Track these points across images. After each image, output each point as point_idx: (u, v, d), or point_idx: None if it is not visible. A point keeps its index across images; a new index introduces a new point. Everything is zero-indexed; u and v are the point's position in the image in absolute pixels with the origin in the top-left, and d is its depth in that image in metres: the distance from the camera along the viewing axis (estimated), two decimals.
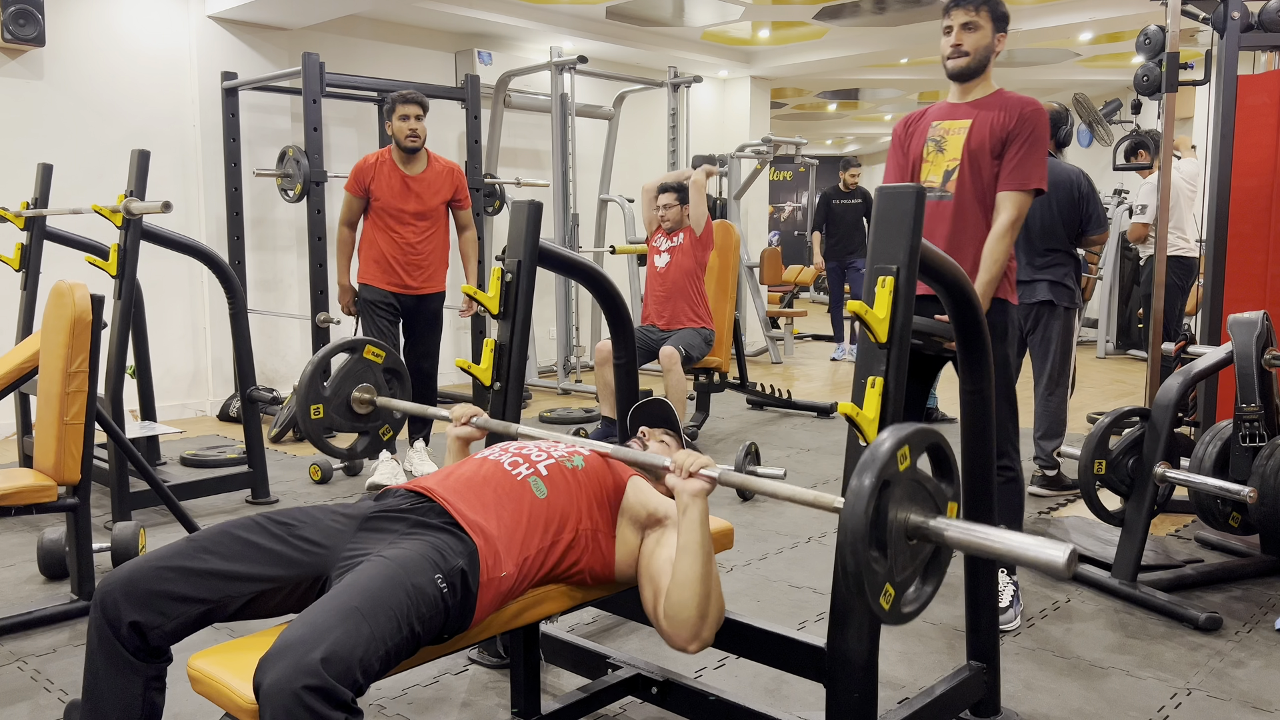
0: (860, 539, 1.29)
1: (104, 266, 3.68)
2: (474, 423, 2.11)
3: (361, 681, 1.38)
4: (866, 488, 1.30)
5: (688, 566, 1.68)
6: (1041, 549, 1.31)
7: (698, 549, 1.68)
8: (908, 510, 1.38)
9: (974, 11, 2.71)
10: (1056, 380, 4.09)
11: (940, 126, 2.80)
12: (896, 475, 1.34)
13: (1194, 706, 2.35)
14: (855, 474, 1.32)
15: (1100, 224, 4.07)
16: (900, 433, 1.36)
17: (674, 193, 5.18)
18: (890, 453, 1.33)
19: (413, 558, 1.55)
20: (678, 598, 1.69)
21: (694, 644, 1.71)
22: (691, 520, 1.68)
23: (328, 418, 2.38)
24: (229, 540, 1.61)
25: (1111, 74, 10.08)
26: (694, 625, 1.69)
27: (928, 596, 1.44)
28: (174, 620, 1.54)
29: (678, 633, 1.71)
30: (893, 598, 1.37)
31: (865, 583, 1.31)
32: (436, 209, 4.36)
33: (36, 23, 5.15)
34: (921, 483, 1.40)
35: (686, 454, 1.71)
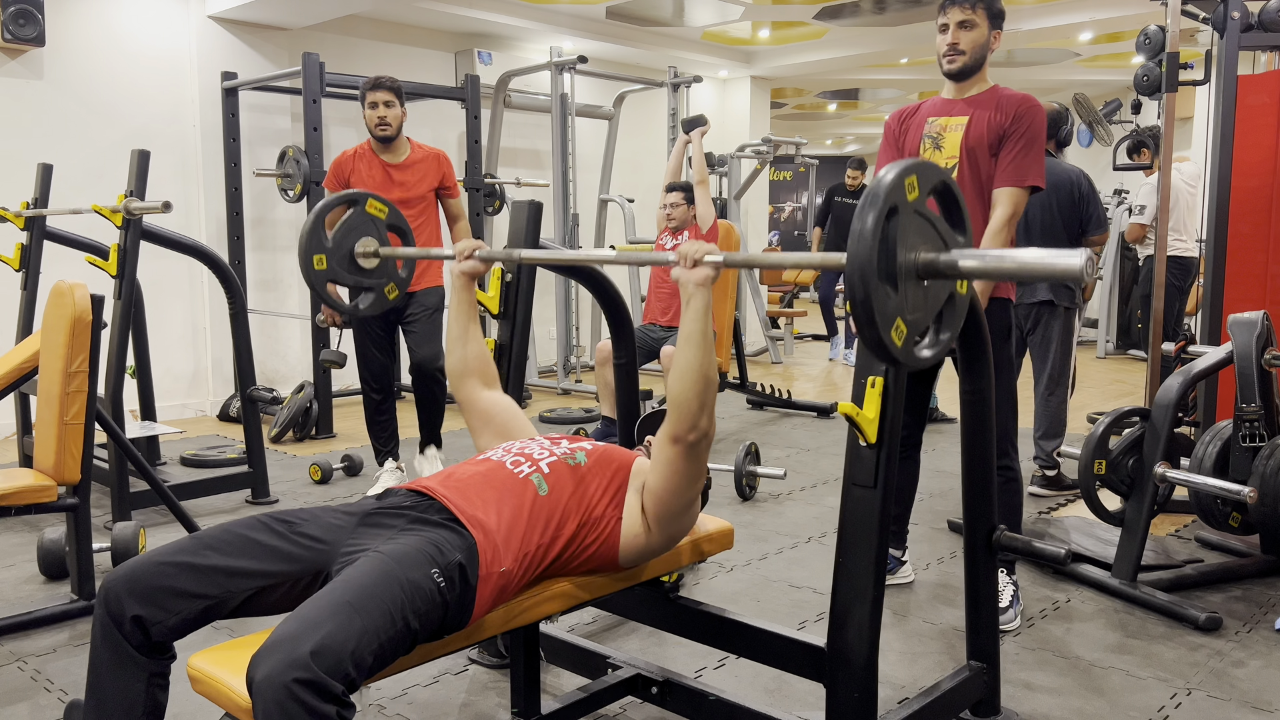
0: (869, 267, 1.25)
1: (104, 266, 3.68)
2: (478, 255, 2.12)
3: (354, 675, 1.38)
4: (871, 216, 1.26)
5: (690, 356, 1.72)
6: (1057, 258, 1.29)
7: (699, 338, 1.72)
8: (917, 248, 1.33)
9: (970, 10, 2.71)
10: (1057, 380, 4.09)
11: (936, 123, 2.79)
12: (904, 204, 1.30)
13: (1194, 706, 2.35)
14: (860, 207, 1.28)
15: (1100, 224, 4.07)
16: (905, 163, 1.32)
17: (681, 192, 5.18)
18: (897, 180, 1.29)
19: (409, 552, 1.56)
20: (679, 386, 1.73)
21: (693, 433, 1.74)
22: (695, 310, 1.72)
23: (330, 270, 2.34)
24: (231, 537, 1.62)
25: (1111, 74, 10.08)
26: (694, 413, 1.72)
27: (944, 345, 1.40)
28: (176, 615, 1.54)
29: (680, 421, 1.73)
30: (905, 334, 1.32)
31: (876, 312, 1.26)
32: (423, 197, 4.12)
33: (36, 23, 5.15)
34: (932, 222, 1.35)
35: (691, 243, 1.74)
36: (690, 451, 1.75)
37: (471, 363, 2.14)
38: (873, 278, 1.25)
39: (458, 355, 2.14)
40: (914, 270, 1.32)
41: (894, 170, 1.30)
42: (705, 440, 1.76)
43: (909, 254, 1.31)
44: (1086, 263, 1.27)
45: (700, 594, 3.03)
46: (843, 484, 1.84)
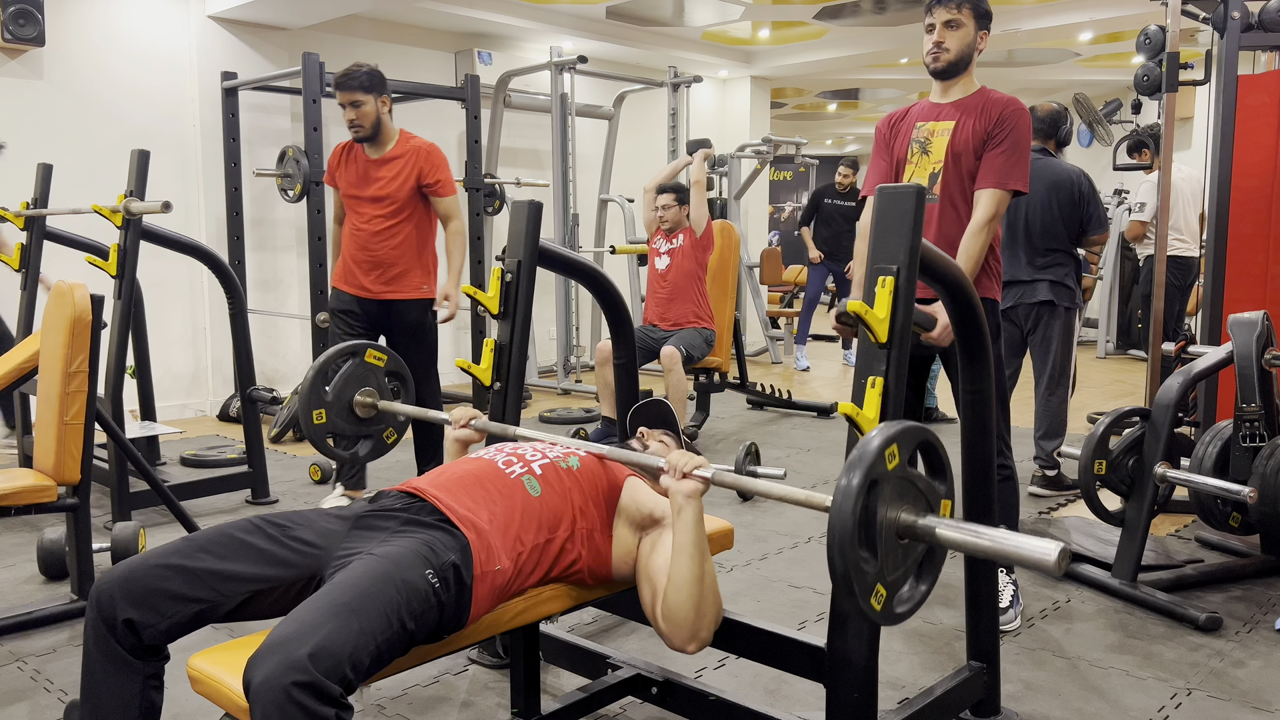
0: (848, 540, 1.28)
1: (104, 266, 3.68)
2: (473, 425, 2.11)
3: (351, 677, 1.38)
4: (854, 488, 1.29)
5: (683, 567, 1.69)
6: (1032, 547, 1.30)
7: (693, 549, 1.68)
8: (898, 509, 1.36)
9: (956, 10, 2.71)
10: (1057, 380, 4.09)
11: (924, 128, 2.79)
12: (885, 474, 1.33)
13: (1194, 706, 2.35)
14: (843, 473, 1.31)
15: (1101, 224, 4.07)
16: (888, 431, 1.35)
17: (672, 194, 5.17)
18: (878, 452, 1.32)
19: (403, 554, 1.56)
20: (674, 599, 1.69)
21: (692, 644, 1.71)
22: (686, 521, 1.68)
23: (330, 423, 2.38)
24: (225, 540, 1.61)
25: (1111, 74, 10.08)
26: (691, 625, 1.70)
27: (922, 596, 1.42)
28: (168, 619, 1.54)
29: (676, 633, 1.71)
30: (885, 598, 1.35)
31: (855, 584, 1.29)
32: (400, 196, 3.76)
33: (36, 23, 5.15)
34: (912, 481, 1.38)
35: (680, 454, 1.71)
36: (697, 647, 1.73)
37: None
38: (851, 550, 1.29)
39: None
40: (893, 530, 1.36)
41: (875, 440, 1.33)
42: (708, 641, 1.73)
43: (889, 514, 1.35)
44: (1059, 556, 1.27)
45: None
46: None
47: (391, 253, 3.80)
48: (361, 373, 2.42)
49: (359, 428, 2.44)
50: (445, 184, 3.83)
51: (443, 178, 3.81)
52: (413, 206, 3.80)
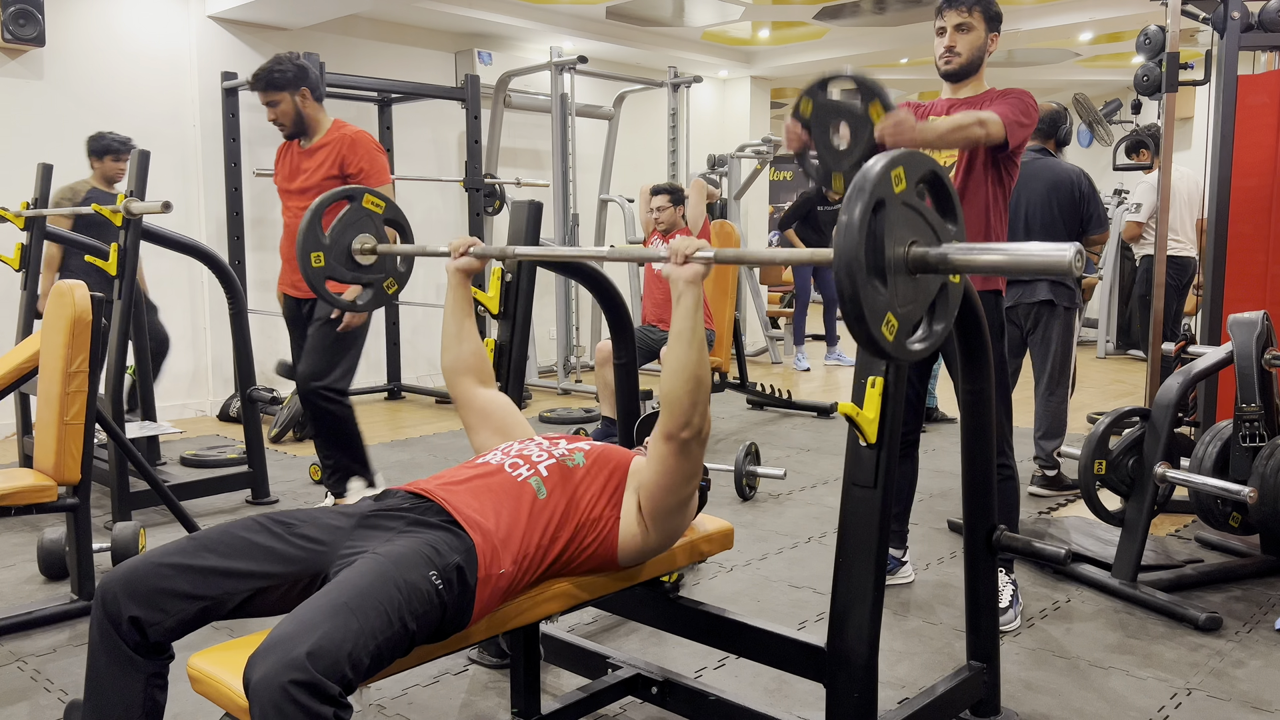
0: (855, 265, 1.22)
1: (104, 266, 3.68)
2: (472, 252, 2.11)
3: (350, 676, 1.38)
4: (857, 210, 1.23)
5: (681, 352, 1.71)
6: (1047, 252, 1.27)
7: (691, 335, 1.71)
8: (907, 239, 1.30)
9: (967, 13, 2.72)
10: (1057, 380, 4.09)
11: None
12: (890, 196, 1.27)
13: (1194, 706, 2.35)
14: (847, 197, 1.25)
15: (1101, 224, 4.07)
16: (891, 154, 1.29)
17: (667, 194, 5.17)
18: (883, 173, 1.25)
19: (406, 554, 1.56)
20: (671, 384, 1.72)
21: (686, 430, 1.73)
22: (685, 308, 1.71)
23: (328, 266, 2.32)
24: (229, 538, 1.62)
25: (1111, 74, 10.08)
26: (687, 410, 1.72)
27: (938, 335, 1.37)
28: (173, 617, 1.54)
29: (673, 419, 1.73)
30: (896, 328, 1.30)
31: (865, 309, 1.24)
32: (321, 188, 3.47)
33: (36, 23, 5.15)
34: (921, 212, 1.33)
35: (682, 239, 1.73)
36: (684, 449, 1.75)
37: (467, 360, 2.13)
38: (860, 273, 1.23)
39: (453, 353, 2.13)
40: (904, 264, 1.30)
41: (880, 162, 1.27)
42: (699, 438, 1.75)
43: (898, 247, 1.29)
44: (1075, 256, 1.25)
45: (700, 594, 3.03)
46: (843, 484, 1.84)
47: None
48: (359, 218, 2.35)
49: (358, 273, 2.38)
50: (370, 173, 3.54)
51: (366, 166, 3.53)
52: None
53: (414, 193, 7.05)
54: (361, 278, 2.40)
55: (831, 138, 2.27)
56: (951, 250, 1.32)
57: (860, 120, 2.23)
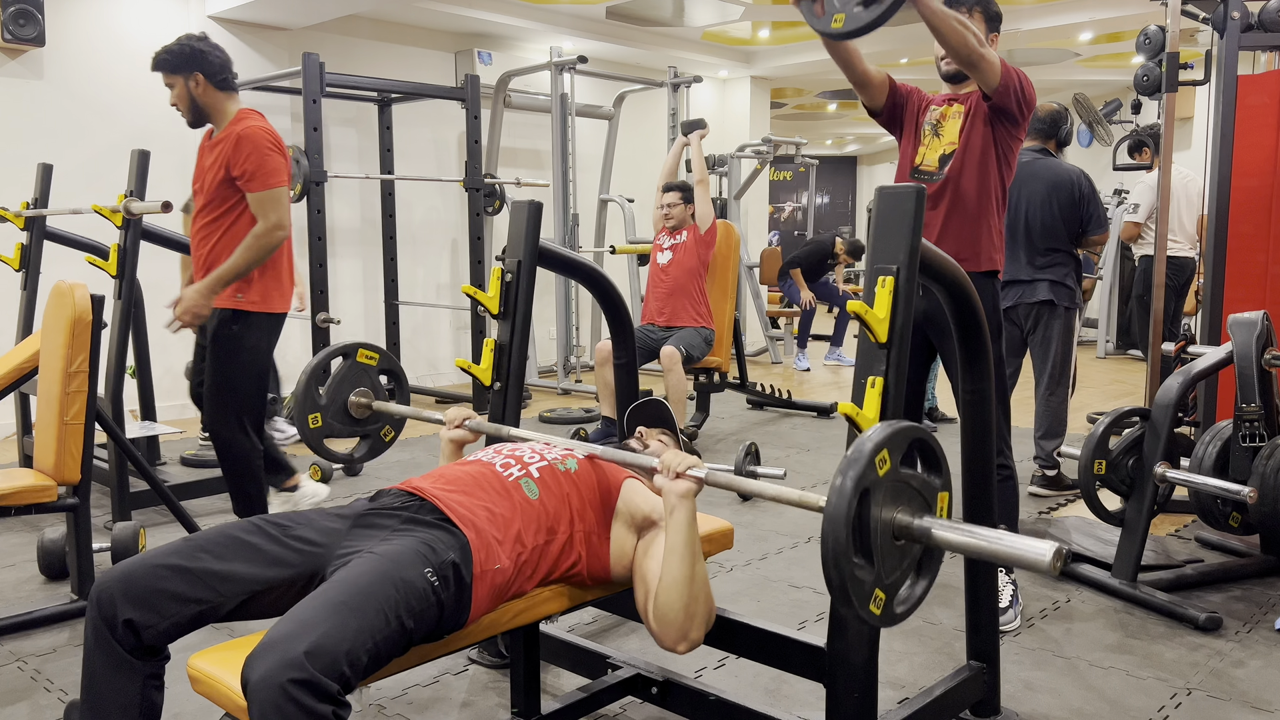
0: (842, 551, 1.26)
1: (104, 266, 3.68)
2: (467, 425, 2.10)
3: (349, 674, 1.38)
4: (846, 495, 1.27)
5: (675, 568, 1.69)
6: (1027, 548, 1.29)
7: (684, 550, 1.69)
8: (893, 511, 1.35)
9: (967, 13, 2.74)
10: (1057, 380, 4.09)
11: (938, 111, 2.86)
12: (876, 481, 1.31)
13: (1194, 706, 2.35)
14: (834, 479, 1.30)
15: (1101, 224, 4.07)
16: (878, 436, 1.33)
17: (678, 192, 5.19)
18: (868, 459, 1.30)
19: (402, 552, 1.56)
20: (665, 599, 1.70)
21: (682, 644, 1.71)
22: (679, 522, 1.69)
23: (326, 425, 2.37)
24: (226, 540, 1.61)
25: (1111, 74, 10.08)
26: (682, 626, 1.70)
27: (921, 594, 1.41)
28: (169, 619, 1.54)
29: (666, 633, 1.71)
30: (883, 602, 1.34)
31: (852, 594, 1.28)
32: (213, 189, 3.19)
33: (36, 23, 5.15)
34: (907, 481, 1.37)
35: (674, 454, 1.71)
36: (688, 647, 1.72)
37: None
38: (846, 561, 1.27)
39: None
40: (889, 533, 1.34)
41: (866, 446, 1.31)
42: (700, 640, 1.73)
43: (884, 517, 1.33)
44: (1054, 557, 1.27)
45: None
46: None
47: (209, 255, 3.22)
48: (355, 373, 2.40)
49: (355, 428, 2.43)
50: (254, 176, 3.11)
51: (250, 168, 3.11)
52: (231, 202, 3.19)
53: (414, 193, 7.06)
54: (358, 431, 2.43)
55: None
56: (934, 527, 1.37)
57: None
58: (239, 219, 3.19)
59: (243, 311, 3.19)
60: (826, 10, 2.24)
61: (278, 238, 3.14)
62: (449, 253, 7.41)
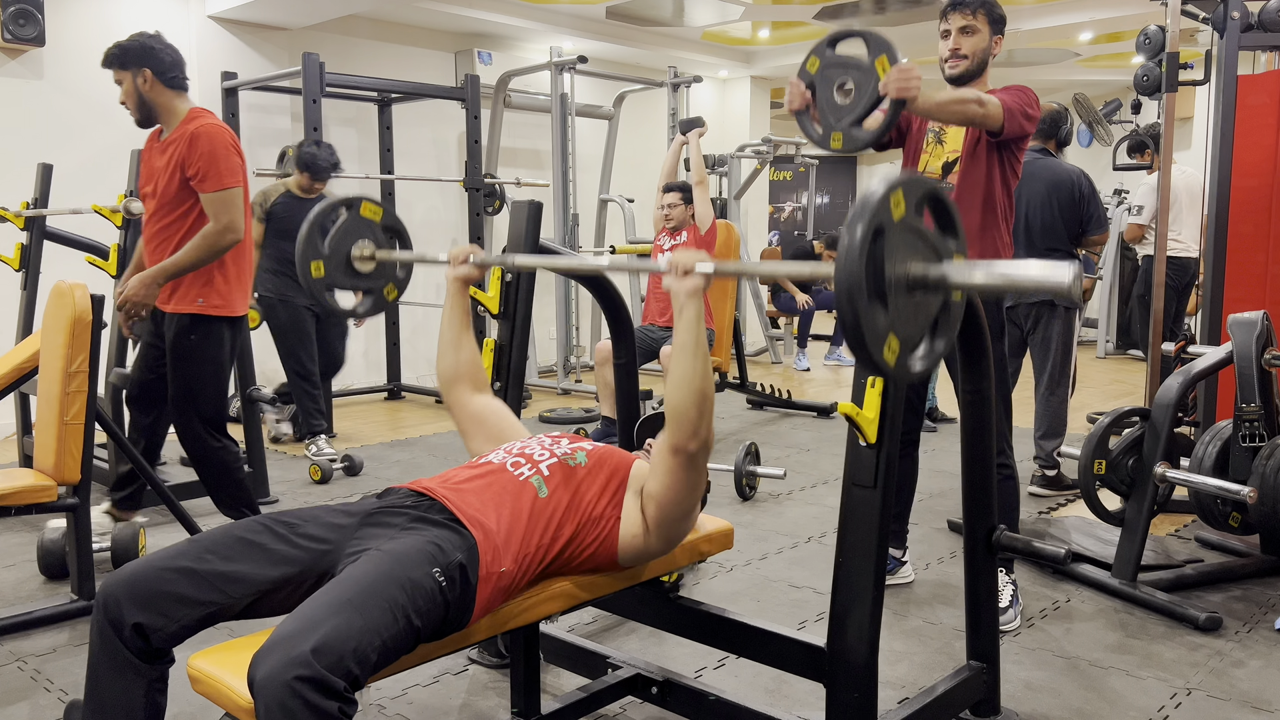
0: (856, 290, 1.24)
1: (104, 266, 3.68)
2: (472, 260, 2.09)
3: (356, 672, 1.38)
4: (858, 237, 1.25)
5: (685, 364, 1.71)
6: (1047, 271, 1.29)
7: (694, 346, 1.71)
8: (908, 261, 1.32)
9: (971, 15, 2.73)
10: (1057, 380, 4.09)
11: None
12: (890, 223, 1.29)
13: (1194, 706, 2.35)
14: (847, 224, 1.27)
15: (1101, 224, 4.07)
16: (892, 179, 1.31)
17: (678, 192, 5.18)
18: (882, 199, 1.28)
19: (409, 551, 1.56)
20: (676, 396, 1.72)
21: (694, 441, 1.73)
22: (687, 320, 1.71)
23: (328, 275, 2.32)
24: (232, 541, 1.61)
25: (1111, 74, 10.08)
26: (694, 421, 1.72)
27: (940, 352, 1.40)
28: (177, 622, 1.54)
29: (680, 431, 1.73)
30: (897, 350, 1.32)
31: (866, 333, 1.26)
32: (165, 192, 3.10)
33: (36, 23, 5.15)
34: (921, 233, 1.35)
35: (682, 252, 1.73)
36: (691, 460, 1.75)
37: (463, 367, 2.12)
38: (861, 298, 1.25)
39: (449, 360, 2.12)
40: (904, 284, 1.32)
41: (879, 189, 1.30)
42: (706, 449, 1.75)
43: (898, 268, 1.31)
44: (1074, 279, 1.26)
45: (700, 594, 3.03)
46: (843, 484, 1.84)
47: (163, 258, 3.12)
48: (358, 225, 2.34)
49: (358, 281, 2.38)
50: (207, 175, 3.03)
51: (204, 167, 3.02)
52: (187, 205, 3.11)
53: (414, 193, 7.05)
54: (361, 285, 2.39)
55: (835, 96, 2.25)
56: (951, 270, 1.35)
57: (865, 73, 2.21)
58: (197, 221, 3.10)
59: (203, 318, 3.12)
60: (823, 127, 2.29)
61: (228, 240, 3.07)
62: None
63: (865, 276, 1.26)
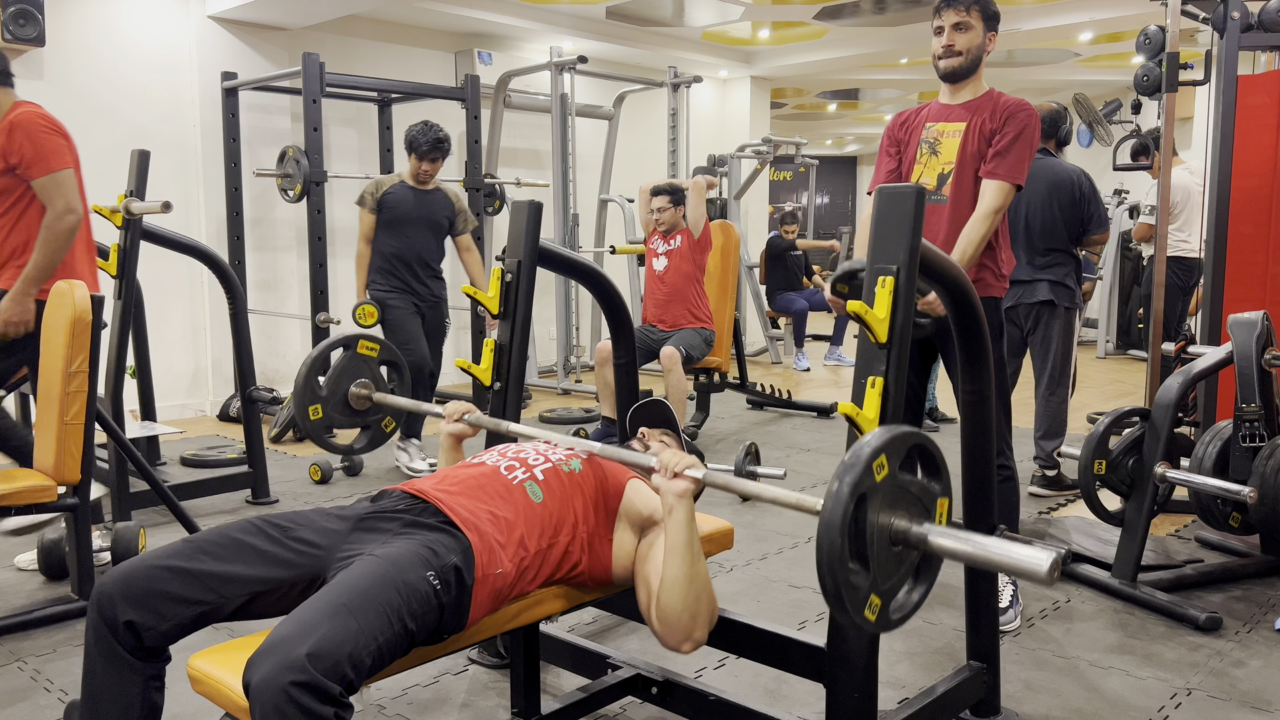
0: (837, 557, 1.25)
1: (104, 266, 3.68)
2: (467, 419, 2.11)
3: (351, 677, 1.38)
4: (842, 500, 1.25)
5: (675, 567, 1.69)
6: (1024, 556, 1.25)
7: (684, 549, 1.68)
8: (890, 517, 1.33)
9: (965, 11, 2.72)
10: (1057, 380, 4.09)
11: (934, 128, 2.80)
12: (874, 486, 1.29)
13: (1194, 706, 2.35)
14: (829, 486, 1.28)
15: (1102, 224, 4.07)
16: (875, 441, 1.31)
17: (667, 195, 5.17)
18: (865, 464, 1.28)
19: (404, 555, 1.56)
20: (667, 600, 1.70)
21: (687, 644, 1.72)
22: (677, 521, 1.69)
23: (327, 417, 2.37)
24: (226, 542, 1.61)
25: (1111, 74, 10.08)
26: (685, 626, 1.70)
27: (917, 601, 1.40)
28: (169, 621, 1.54)
29: (670, 633, 1.72)
30: (879, 607, 1.33)
31: (847, 600, 1.27)
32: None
33: (36, 23, 5.15)
34: (905, 487, 1.35)
35: (673, 454, 1.71)
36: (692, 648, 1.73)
37: None
38: (841, 567, 1.25)
39: None
40: (886, 539, 1.33)
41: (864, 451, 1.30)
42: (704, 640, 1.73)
43: (880, 523, 1.32)
44: (1051, 567, 1.23)
45: None
46: None
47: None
48: (355, 365, 2.40)
49: (356, 419, 2.43)
50: (33, 162, 2.97)
51: (28, 154, 2.96)
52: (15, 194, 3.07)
53: None
54: (359, 422, 2.44)
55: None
56: (931, 534, 1.34)
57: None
58: (28, 209, 3.07)
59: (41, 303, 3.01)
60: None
61: (70, 222, 3.03)
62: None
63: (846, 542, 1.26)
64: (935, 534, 1.35)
